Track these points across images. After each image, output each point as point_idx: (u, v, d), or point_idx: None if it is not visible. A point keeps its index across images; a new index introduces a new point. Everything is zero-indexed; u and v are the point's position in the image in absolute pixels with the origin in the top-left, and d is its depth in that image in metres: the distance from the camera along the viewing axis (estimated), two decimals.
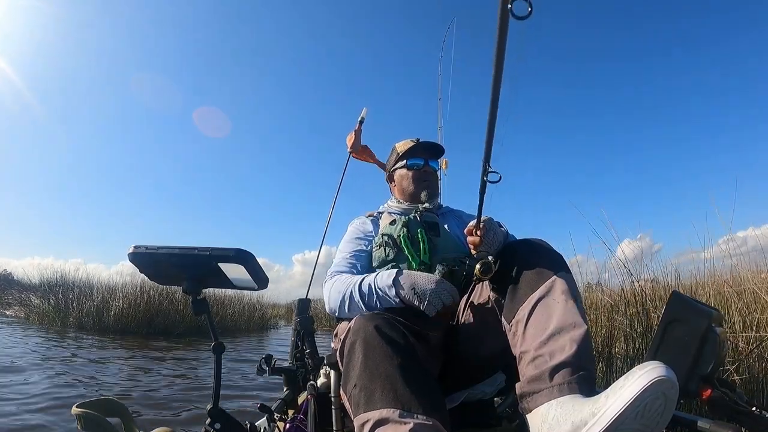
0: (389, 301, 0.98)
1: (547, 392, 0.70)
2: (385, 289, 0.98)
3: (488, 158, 0.78)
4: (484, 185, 0.86)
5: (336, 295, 1.08)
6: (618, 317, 2.34)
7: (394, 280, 0.97)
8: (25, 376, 3.10)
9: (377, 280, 1.01)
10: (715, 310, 0.84)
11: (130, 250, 0.77)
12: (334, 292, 1.09)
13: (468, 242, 1.04)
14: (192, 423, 2.25)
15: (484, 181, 0.84)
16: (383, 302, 0.99)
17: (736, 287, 1.96)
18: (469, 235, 1.03)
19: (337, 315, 1.11)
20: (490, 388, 1.07)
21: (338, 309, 1.08)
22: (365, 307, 1.02)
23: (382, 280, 1.00)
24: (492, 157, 0.78)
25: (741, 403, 0.79)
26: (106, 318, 6.47)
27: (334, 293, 1.10)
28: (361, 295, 1.02)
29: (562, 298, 0.81)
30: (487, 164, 0.79)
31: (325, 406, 1.14)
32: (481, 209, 0.95)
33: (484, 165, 0.80)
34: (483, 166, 0.80)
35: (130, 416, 0.99)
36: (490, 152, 0.77)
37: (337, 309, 1.09)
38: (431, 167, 1.40)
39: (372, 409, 0.71)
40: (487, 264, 0.91)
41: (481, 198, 0.91)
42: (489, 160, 0.78)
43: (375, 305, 1.00)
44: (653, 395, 0.58)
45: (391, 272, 1.00)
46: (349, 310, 1.05)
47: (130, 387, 3.00)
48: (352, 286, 1.05)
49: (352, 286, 1.05)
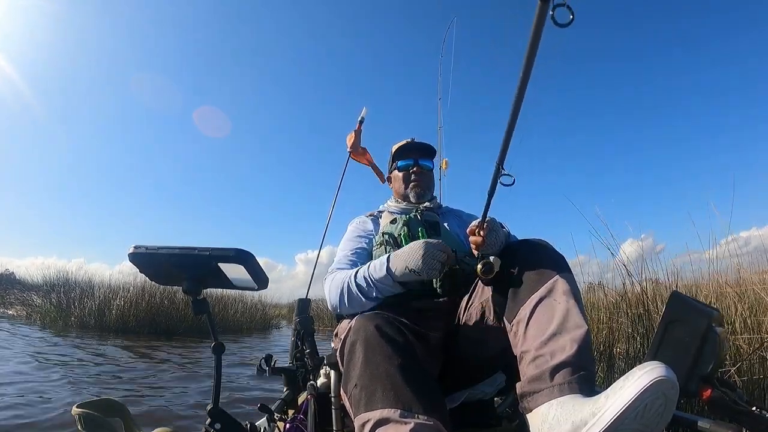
0: (389, 290, 1.00)
1: (548, 392, 0.70)
2: (381, 279, 1.00)
3: (503, 160, 0.75)
4: (494, 186, 0.83)
5: (335, 291, 1.09)
6: (620, 317, 2.34)
7: (387, 269, 0.99)
8: (25, 376, 3.10)
9: (371, 272, 1.02)
10: (716, 310, 0.84)
11: (130, 250, 0.78)
12: (333, 288, 1.10)
13: (470, 242, 1.03)
14: (192, 423, 2.25)
15: (495, 183, 0.82)
16: (382, 291, 1.01)
17: (737, 288, 1.95)
18: (471, 235, 1.03)
19: (339, 311, 1.11)
20: (490, 388, 1.08)
21: (339, 304, 1.09)
22: (365, 298, 1.03)
23: (375, 270, 1.01)
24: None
25: (741, 402, 0.79)
26: (108, 317, 6.48)
27: (333, 289, 1.10)
28: (359, 287, 1.04)
29: (563, 298, 0.81)
30: (501, 166, 0.77)
31: (325, 406, 1.14)
32: (487, 210, 0.95)
33: (498, 167, 0.77)
34: (496, 168, 0.78)
35: (130, 416, 0.99)
36: (505, 154, 0.74)
37: (338, 304, 1.09)
38: (422, 166, 1.39)
39: (373, 408, 0.71)
40: (488, 264, 0.91)
41: (489, 199, 0.90)
42: (503, 162, 0.76)
43: (374, 295, 1.02)
44: (653, 395, 0.58)
45: (382, 260, 1.01)
46: (349, 305, 1.06)
47: (131, 387, 3.01)
48: (348, 279, 1.07)
49: (348, 279, 1.07)
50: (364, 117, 2.36)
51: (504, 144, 0.73)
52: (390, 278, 0.99)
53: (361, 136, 2.38)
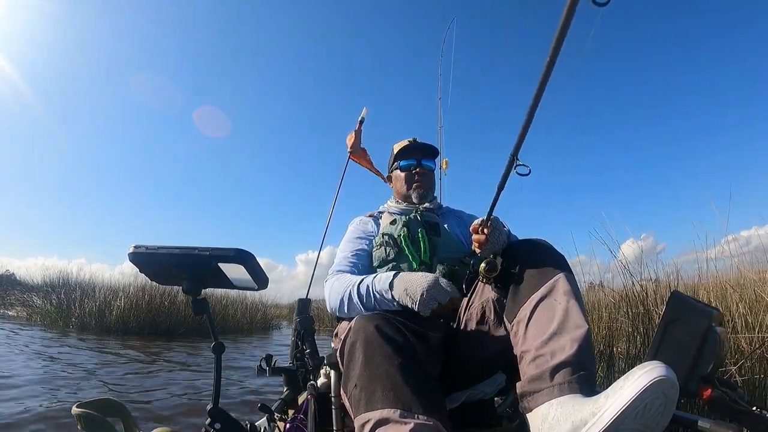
0: (388, 305, 0.98)
1: (548, 392, 0.70)
2: (382, 293, 0.98)
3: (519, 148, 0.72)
4: (506, 177, 0.80)
5: (335, 296, 1.08)
6: (620, 317, 2.34)
7: (390, 283, 0.97)
8: (25, 375, 3.10)
9: (375, 284, 1.01)
10: (716, 310, 0.84)
11: (130, 250, 0.78)
12: (334, 293, 1.09)
13: (473, 240, 1.02)
14: (192, 423, 2.25)
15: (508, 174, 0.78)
16: (381, 305, 0.99)
17: (738, 288, 1.95)
18: (474, 233, 1.01)
19: (338, 314, 1.11)
20: (490, 388, 1.07)
21: (338, 309, 1.08)
22: (364, 309, 1.02)
23: (379, 284, 1.00)
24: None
25: (741, 402, 0.79)
26: (108, 318, 6.47)
27: (333, 294, 1.10)
28: (359, 297, 1.02)
29: (563, 298, 0.81)
30: (516, 156, 0.74)
31: (325, 406, 1.14)
32: (494, 205, 0.92)
33: (513, 157, 0.74)
34: (510, 158, 0.74)
35: (130, 416, 0.99)
36: (521, 142, 0.71)
37: (336, 309, 1.09)
38: (425, 167, 1.39)
39: (372, 409, 0.71)
40: (492, 263, 0.91)
41: (498, 193, 0.87)
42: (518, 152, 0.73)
43: (374, 307, 1.00)
44: (653, 395, 0.58)
45: (388, 275, 0.99)
46: (348, 311, 1.05)
47: (131, 387, 3.01)
48: (350, 287, 1.05)
49: (350, 287, 1.05)
50: (364, 117, 2.36)
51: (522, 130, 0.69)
52: (389, 294, 0.97)
53: (361, 136, 2.38)
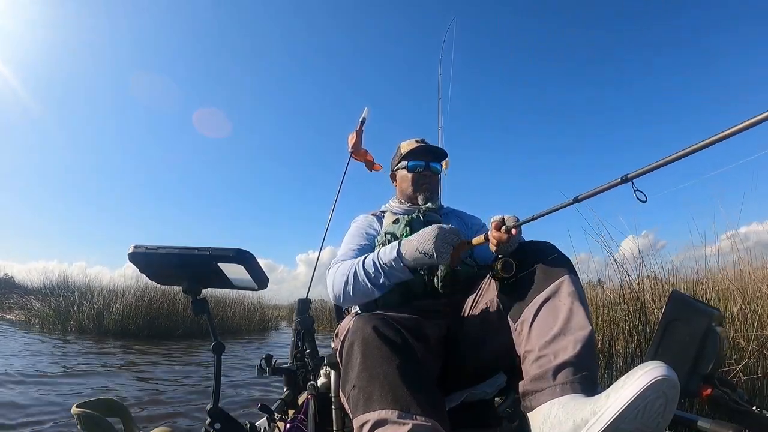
0: (397, 275, 0.98)
1: (550, 391, 0.70)
2: (391, 263, 0.98)
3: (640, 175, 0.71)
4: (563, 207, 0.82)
5: (340, 278, 1.08)
6: (618, 315, 2.34)
7: (398, 252, 0.98)
8: (25, 376, 3.10)
9: (381, 257, 1.01)
10: (716, 310, 0.84)
11: (130, 250, 0.77)
12: (339, 276, 1.09)
13: (492, 237, 0.96)
14: (192, 423, 2.25)
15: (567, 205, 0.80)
16: (391, 278, 1.00)
17: (738, 284, 1.95)
18: (496, 230, 0.94)
19: (342, 300, 1.10)
20: (490, 389, 1.07)
21: (342, 292, 1.07)
22: (371, 284, 1.02)
23: (386, 256, 1.00)
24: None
25: (741, 402, 0.79)
26: (107, 321, 6.45)
27: (338, 277, 1.09)
28: (366, 273, 1.02)
29: (568, 299, 0.81)
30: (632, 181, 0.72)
31: (325, 406, 1.14)
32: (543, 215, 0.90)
33: (630, 180, 0.72)
34: (624, 180, 0.73)
35: (130, 416, 0.99)
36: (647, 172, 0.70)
37: (341, 293, 1.08)
38: (432, 170, 1.38)
39: (370, 410, 0.71)
40: (509, 263, 0.91)
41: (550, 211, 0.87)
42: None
43: (382, 282, 1.01)
44: (654, 394, 0.58)
45: (393, 245, 1.01)
46: (354, 293, 1.05)
47: (131, 387, 3.00)
48: (355, 265, 1.05)
49: (355, 265, 1.05)
50: (365, 117, 2.35)
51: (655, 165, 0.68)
52: (400, 261, 0.98)
53: (363, 136, 2.37)
